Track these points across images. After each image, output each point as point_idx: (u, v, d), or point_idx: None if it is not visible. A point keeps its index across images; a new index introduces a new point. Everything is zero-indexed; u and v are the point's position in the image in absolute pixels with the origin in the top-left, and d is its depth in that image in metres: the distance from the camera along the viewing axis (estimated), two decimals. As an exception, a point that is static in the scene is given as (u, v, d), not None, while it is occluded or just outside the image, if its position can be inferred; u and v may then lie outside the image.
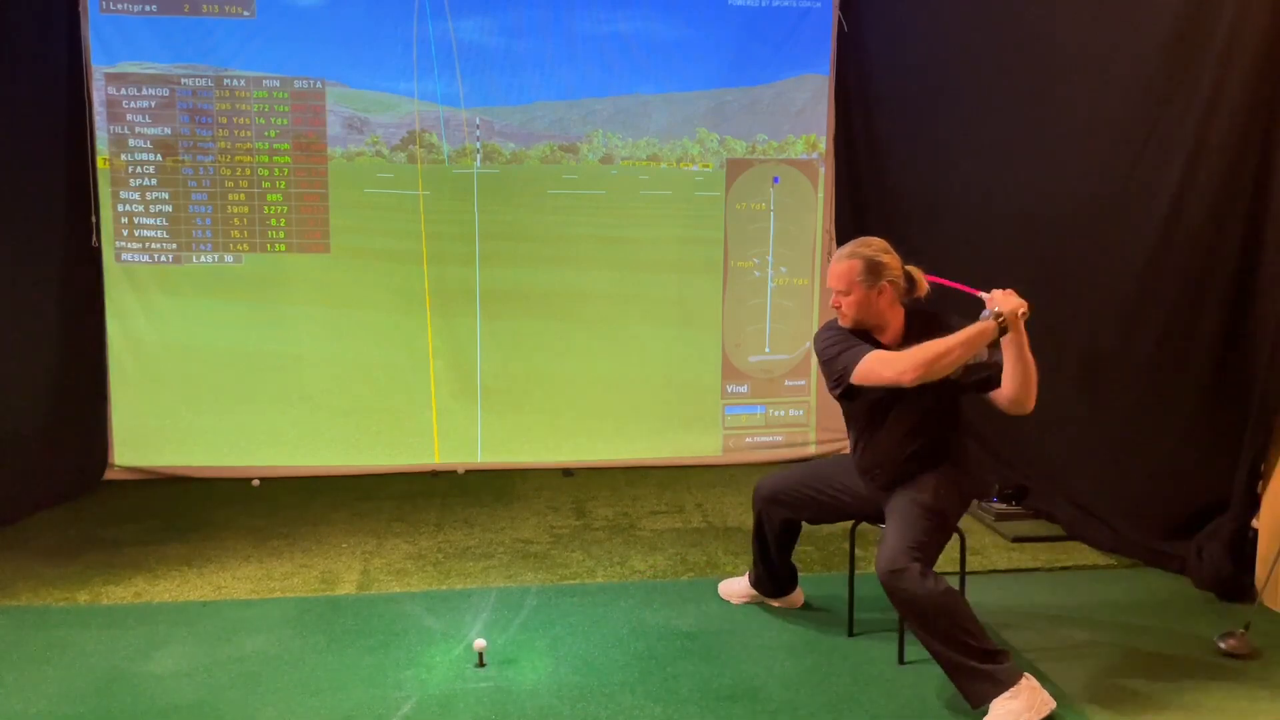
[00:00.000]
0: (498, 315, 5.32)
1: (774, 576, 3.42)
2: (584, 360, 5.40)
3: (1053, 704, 2.66)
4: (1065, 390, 4.27)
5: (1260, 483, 3.56)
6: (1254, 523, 3.59)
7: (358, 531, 4.33)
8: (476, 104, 5.23)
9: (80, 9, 4.84)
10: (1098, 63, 4.03)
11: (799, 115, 5.45)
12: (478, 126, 5.26)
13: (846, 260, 2.87)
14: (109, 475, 5.06)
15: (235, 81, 5.02)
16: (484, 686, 2.92)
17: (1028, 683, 2.66)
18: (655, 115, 5.39)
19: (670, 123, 5.39)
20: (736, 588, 3.57)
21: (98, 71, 4.92)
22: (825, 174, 5.53)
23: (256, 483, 5.05)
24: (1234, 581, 3.55)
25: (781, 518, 3.28)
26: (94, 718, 2.76)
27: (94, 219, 4.94)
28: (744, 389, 5.52)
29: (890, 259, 2.87)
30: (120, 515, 4.55)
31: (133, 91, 4.96)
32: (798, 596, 3.50)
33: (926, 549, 2.81)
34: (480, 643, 3.06)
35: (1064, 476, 4.32)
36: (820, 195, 5.51)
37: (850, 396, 2.89)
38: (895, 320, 2.92)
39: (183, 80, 4.98)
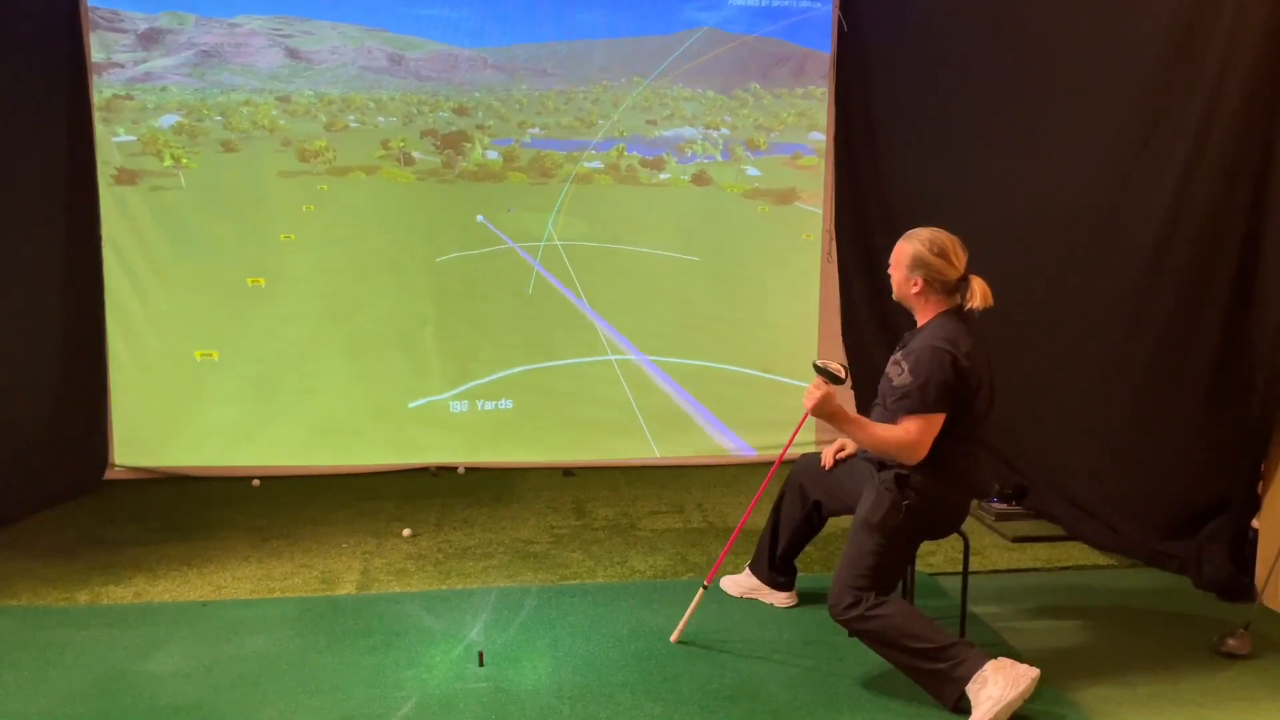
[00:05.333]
0: (498, 311, 5.33)
1: (771, 560, 3.48)
2: (586, 357, 5.41)
3: (1035, 673, 2.66)
4: (1066, 390, 4.28)
5: (1260, 483, 3.56)
6: (1254, 523, 3.60)
7: (358, 531, 4.33)
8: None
9: (80, 9, 4.85)
10: (1098, 63, 4.03)
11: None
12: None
13: (904, 241, 2.97)
14: (109, 475, 5.06)
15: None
16: (484, 686, 2.92)
17: (997, 663, 2.66)
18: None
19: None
20: (737, 578, 3.64)
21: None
22: (825, 174, 5.54)
23: (256, 483, 5.05)
24: (1234, 581, 3.56)
25: (804, 500, 3.35)
26: (94, 718, 2.75)
27: (94, 219, 4.94)
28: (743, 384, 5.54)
29: (938, 261, 2.89)
30: (120, 515, 4.55)
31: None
32: (789, 598, 3.52)
33: (876, 573, 2.84)
34: None
35: (1064, 476, 4.32)
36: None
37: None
38: (924, 315, 2.97)
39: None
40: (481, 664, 3.04)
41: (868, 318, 5.44)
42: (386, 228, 5.23)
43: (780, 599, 3.51)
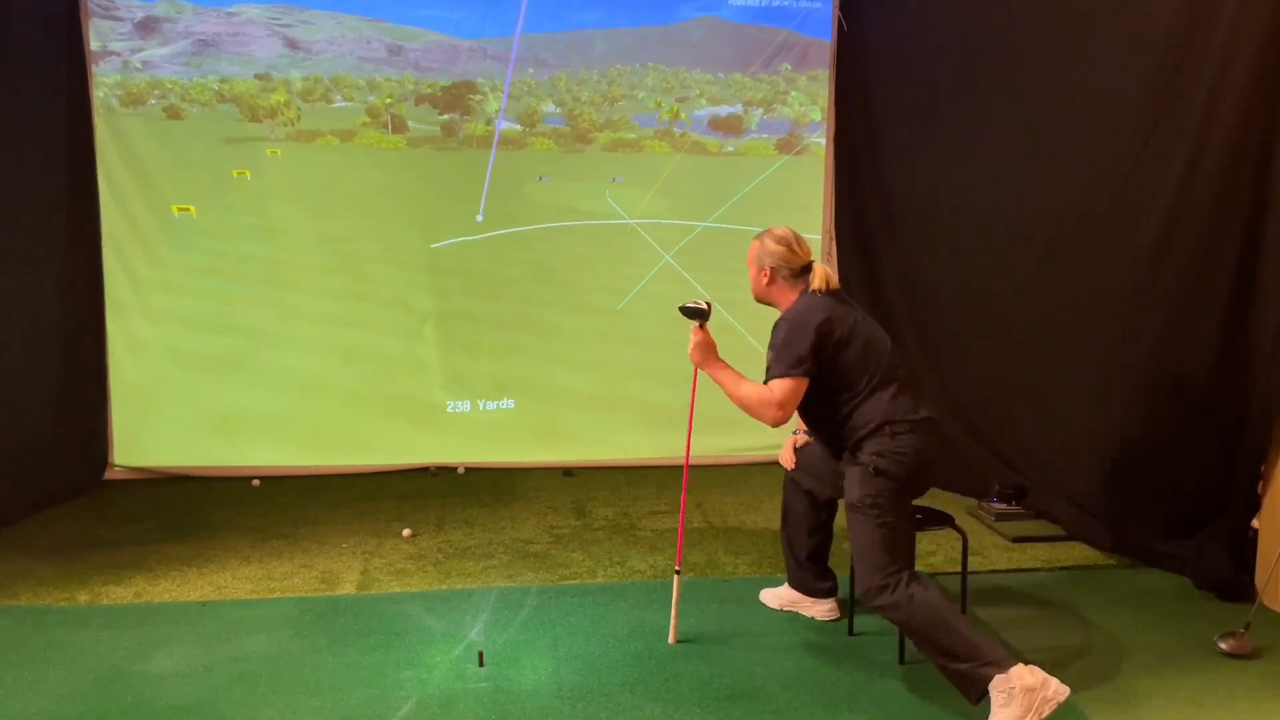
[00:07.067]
0: (497, 310, 5.32)
1: (801, 568, 3.40)
2: (586, 356, 5.40)
3: (1063, 694, 2.55)
4: (1066, 390, 4.28)
5: (1260, 483, 3.56)
6: (1254, 523, 3.60)
7: (358, 531, 4.33)
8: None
9: (81, 8, 4.84)
10: (1097, 65, 4.03)
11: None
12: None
13: (752, 240, 3.09)
14: (109, 475, 5.06)
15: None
16: (484, 686, 2.92)
17: (1030, 679, 2.54)
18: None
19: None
20: (777, 590, 3.55)
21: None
22: (825, 173, 5.53)
23: (256, 483, 5.05)
24: (1234, 581, 3.56)
25: (806, 491, 3.31)
26: (94, 718, 2.75)
27: (95, 216, 4.94)
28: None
29: (779, 248, 3.00)
30: (120, 515, 4.55)
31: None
32: (830, 610, 3.41)
33: (890, 547, 2.80)
34: None
35: (1064, 476, 4.32)
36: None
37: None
38: (784, 303, 3.04)
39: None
40: (481, 664, 3.04)
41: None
42: (364, 205, 5.04)
43: (822, 610, 3.40)
